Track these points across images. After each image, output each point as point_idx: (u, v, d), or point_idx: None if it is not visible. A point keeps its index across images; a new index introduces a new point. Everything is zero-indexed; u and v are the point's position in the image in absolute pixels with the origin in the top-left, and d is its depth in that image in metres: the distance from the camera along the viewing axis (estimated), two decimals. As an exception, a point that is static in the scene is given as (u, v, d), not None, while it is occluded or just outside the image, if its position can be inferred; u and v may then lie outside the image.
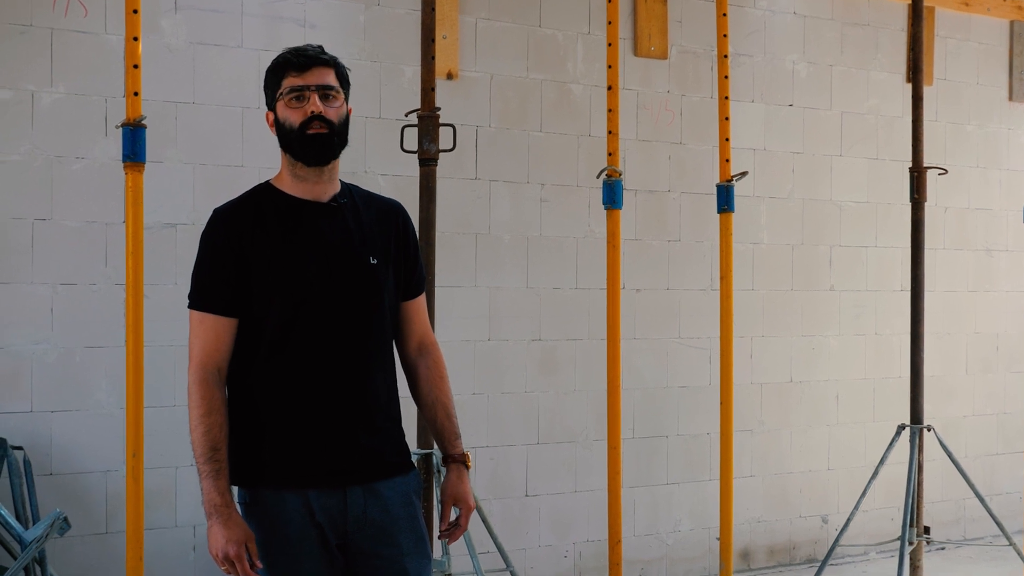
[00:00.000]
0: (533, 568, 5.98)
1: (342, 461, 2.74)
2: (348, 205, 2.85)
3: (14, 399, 4.88)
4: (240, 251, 2.73)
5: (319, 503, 2.71)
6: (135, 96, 3.97)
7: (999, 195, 7.58)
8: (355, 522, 2.75)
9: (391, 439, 2.87)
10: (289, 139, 2.75)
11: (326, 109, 2.72)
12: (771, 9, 6.79)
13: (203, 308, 2.75)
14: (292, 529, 2.71)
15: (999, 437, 7.57)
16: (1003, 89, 7.66)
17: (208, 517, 2.65)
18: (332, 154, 2.77)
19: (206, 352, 2.73)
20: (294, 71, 2.73)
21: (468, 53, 5.87)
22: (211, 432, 2.68)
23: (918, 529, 5.69)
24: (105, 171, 5.01)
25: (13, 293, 4.89)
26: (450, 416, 2.98)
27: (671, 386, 6.42)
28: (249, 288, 2.73)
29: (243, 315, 2.75)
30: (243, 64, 5.33)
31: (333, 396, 2.75)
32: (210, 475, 2.65)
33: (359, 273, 2.79)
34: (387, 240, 2.88)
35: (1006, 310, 7.59)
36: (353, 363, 2.78)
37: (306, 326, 2.74)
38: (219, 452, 2.68)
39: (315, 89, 2.72)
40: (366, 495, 2.75)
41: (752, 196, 6.62)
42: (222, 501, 2.65)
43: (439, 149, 4.57)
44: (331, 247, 2.78)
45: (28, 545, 4.34)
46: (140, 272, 3.99)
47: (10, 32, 4.88)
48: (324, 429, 2.74)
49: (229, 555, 2.62)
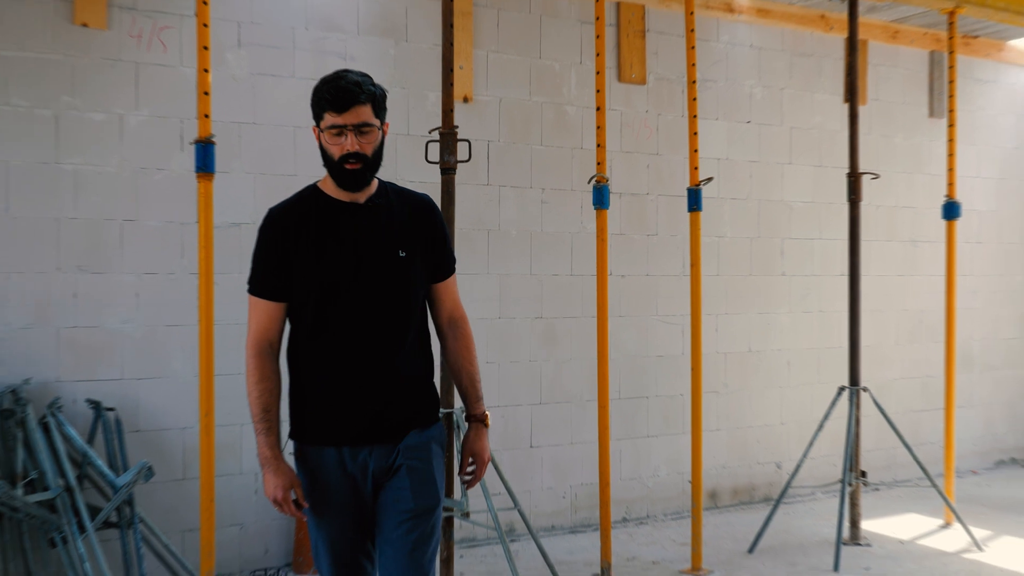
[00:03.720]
0: (537, 507, 5.98)
1: (369, 424, 2.74)
2: (383, 205, 2.81)
3: (107, 369, 4.88)
4: (285, 246, 2.73)
5: (350, 458, 2.73)
6: (206, 118, 3.96)
7: (922, 196, 7.55)
8: (379, 473, 2.76)
9: (416, 403, 2.83)
10: (328, 166, 2.73)
11: (362, 144, 2.68)
12: (732, 43, 6.76)
13: (256, 293, 2.77)
14: (330, 478, 2.74)
15: (923, 396, 7.56)
16: (924, 108, 7.62)
17: (262, 467, 2.72)
18: (365, 184, 2.75)
19: (259, 330, 2.75)
20: (333, 111, 2.66)
21: (481, 81, 5.85)
22: (263, 397, 2.72)
23: (856, 473, 5.68)
24: (181, 180, 5.00)
25: (106, 281, 4.89)
26: (473, 382, 2.95)
27: (650, 355, 6.41)
28: (292, 275, 2.72)
29: (289, 300, 2.76)
30: (295, 91, 5.32)
31: (363, 370, 2.72)
32: (262, 432, 2.71)
33: (388, 265, 2.76)
34: (416, 232, 2.84)
35: (928, 291, 7.57)
36: (381, 342, 2.74)
37: (340, 310, 2.72)
38: (270, 413, 2.71)
39: (352, 128, 2.67)
40: (389, 452, 2.76)
41: (717, 198, 6.61)
42: (272, 454, 2.70)
43: (457, 160, 4.55)
44: (364, 242, 2.75)
45: (119, 489, 4.36)
46: (210, 263, 3.99)
47: (103, 65, 4.87)
48: (354, 398, 2.73)
49: (278, 499, 2.69)
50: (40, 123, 4.74)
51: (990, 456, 8.04)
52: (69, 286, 4.80)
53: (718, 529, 6.08)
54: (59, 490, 4.25)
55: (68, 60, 4.80)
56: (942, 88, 7.57)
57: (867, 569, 5.33)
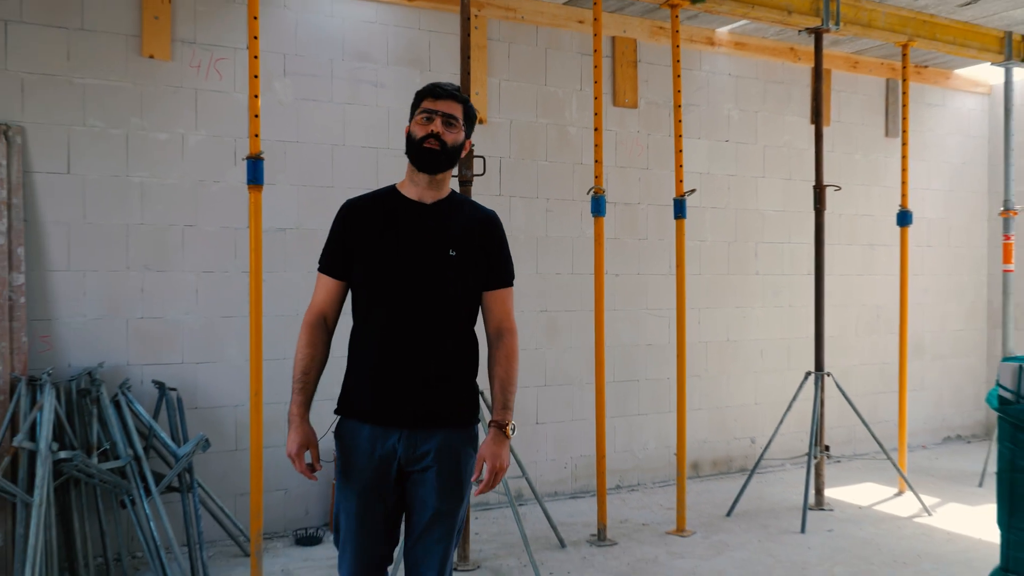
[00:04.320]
0: (542, 476, 5.99)
1: (400, 407, 2.58)
2: (445, 208, 2.69)
3: (170, 354, 4.91)
4: (350, 232, 2.67)
5: (381, 438, 2.59)
6: (256, 137, 3.99)
7: (879, 205, 7.53)
8: (407, 460, 2.59)
9: (453, 396, 2.64)
10: (410, 147, 2.65)
11: (445, 132, 2.61)
12: (712, 72, 6.75)
13: (321, 270, 2.72)
14: (360, 453, 2.60)
15: (880, 380, 7.54)
16: (881, 128, 7.60)
17: (288, 423, 2.64)
18: (438, 167, 2.63)
19: (317, 302, 2.70)
20: (432, 97, 2.64)
21: (494, 105, 5.86)
22: (304, 360, 2.64)
23: (820, 447, 5.68)
24: (234, 191, 5.03)
25: (169, 279, 4.91)
26: (504, 390, 2.67)
27: (640, 344, 6.41)
28: (351, 260, 2.66)
29: (346, 279, 2.69)
30: (333, 114, 5.33)
31: (403, 355, 2.58)
32: (296, 391, 2.63)
33: (436, 260, 2.62)
34: (474, 239, 2.69)
35: (884, 288, 7.55)
36: (423, 331, 2.59)
37: (387, 297, 2.60)
38: (307, 376, 2.64)
39: (441, 115, 2.62)
40: (418, 439, 2.59)
41: (699, 207, 6.60)
42: (297, 412, 2.62)
43: (474, 174, 4.57)
44: (419, 237, 2.62)
45: (180, 459, 4.38)
46: (259, 263, 4.02)
47: (167, 91, 4.90)
48: (390, 379, 2.59)
49: (291, 453, 2.60)
50: (113, 142, 4.78)
51: (939, 433, 8.02)
52: (137, 283, 4.83)
53: (700, 496, 6.08)
54: (128, 459, 4.28)
55: (137, 87, 4.83)
56: (896, 111, 7.55)
57: (830, 531, 5.33)
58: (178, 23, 4.92)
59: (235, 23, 5.03)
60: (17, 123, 4.54)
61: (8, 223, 4.43)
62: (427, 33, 5.63)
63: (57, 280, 4.63)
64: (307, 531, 5.06)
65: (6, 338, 4.37)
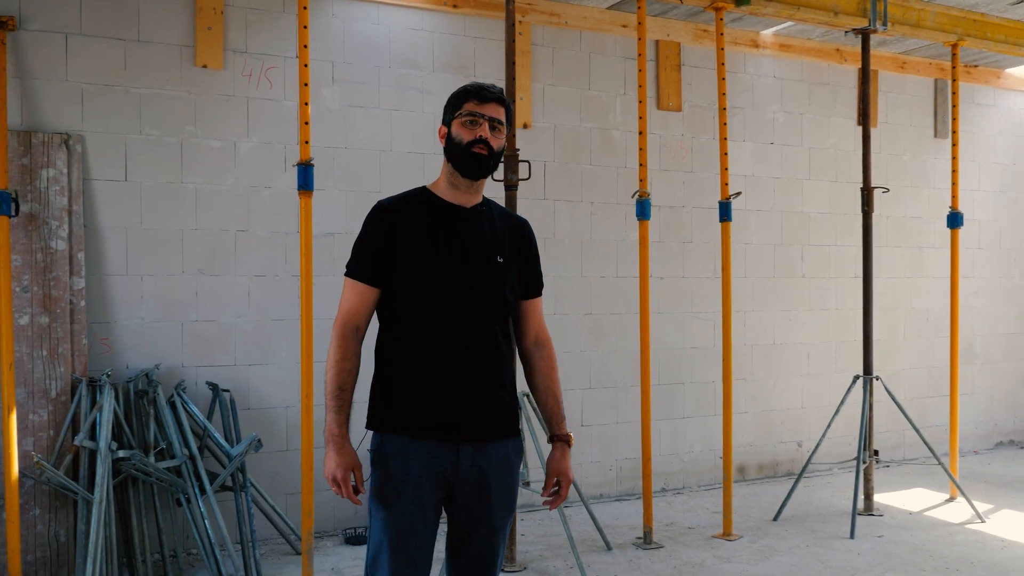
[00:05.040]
0: (587, 478, 5.98)
1: (459, 420, 2.43)
2: (485, 213, 2.58)
3: (223, 356, 4.99)
4: (392, 236, 2.47)
5: (434, 454, 2.41)
6: (305, 144, 4.05)
7: (927, 207, 7.40)
8: (462, 474, 2.44)
9: (503, 406, 2.52)
10: (455, 152, 2.49)
11: (492, 136, 2.49)
12: (757, 74, 6.70)
13: (355, 276, 2.49)
14: (408, 469, 2.41)
15: (929, 384, 7.41)
16: (929, 129, 7.47)
17: (326, 444, 2.42)
18: (486, 172, 2.52)
19: (350, 311, 2.48)
20: (476, 100, 2.49)
21: (538, 109, 5.87)
22: (341, 375, 2.44)
23: (869, 451, 5.59)
24: (285, 197, 5.10)
25: (222, 283, 5.00)
26: (559, 402, 2.63)
27: (686, 347, 6.37)
28: (395, 266, 2.47)
29: (385, 288, 2.49)
30: (380, 120, 5.39)
31: (457, 364, 2.44)
32: (333, 409, 2.42)
33: (487, 266, 2.51)
34: (513, 247, 2.59)
35: (933, 291, 7.42)
36: (476, 338, 2.47)
37: (440, 304, 2.45)
38: (344, 392, 2.43)
39: (487, 119, 2.49)
40: (476, 452, 2.45)
41: (744, 209, 6.54)
42: (339, 432, 2.41)
43: (519, 178, 4.59)
44: (467, 243, 2.50)
45: (233, 458, 4.44)
46: (309, 267, 4.07)
47: (219, 100, 4.98)
48: (448, 393, 2.43)
49: (337, 478, 2.39)
50: (167, 149, 4.87)
51: (990, 438, 7.85)
52: (192, 287, 4.92)
53: (746, 499, 6.02)
54: (184, 458, 4.36)
55: (191, 96, 4.92)
56: (946, 112, 7.42)
57: (880, 536, 5.24)
58: (230, 33, 5.00)
59: (285, 32, 5.11)
60: (77, 132, 4.65)
61: (69, 229, 4.54)
62: (472, 39, 5.66)
63: (115, 284, 4.74)
64: (356, 530, 5.10)
65: (67, 341, 4.48)
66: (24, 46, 4.56)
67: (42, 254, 4.46)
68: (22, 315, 4.38)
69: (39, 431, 4.38)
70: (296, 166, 4.07)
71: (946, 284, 7.06)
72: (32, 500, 4.32)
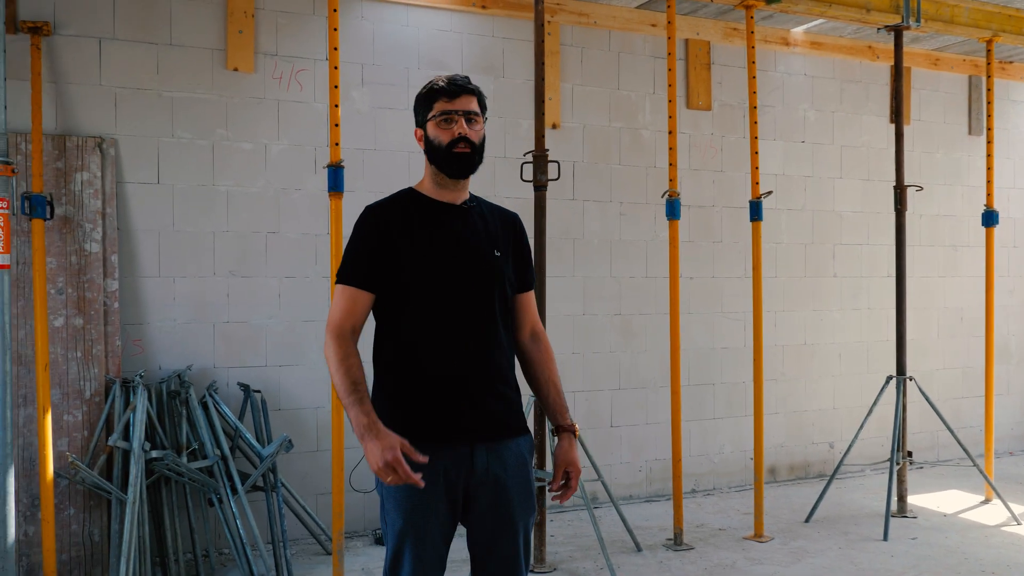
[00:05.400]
0: (616, 479, 5.95)
1: (472, 422, 2.38)
2: (476, 209, 2.53)
3: (255, 357, 5.01)
4: (386, 239, 2.40)
5: (450, 459, 2.35)
6: (336, 146, 4.05)
7: (961, 205, 7.29)
8: (479, 476, 2.38)
9: (512, 405, 2.48)
10: (437, 154, 2.43)
11: (470, 131, 2.43)
12: (788, 72, 6.62)
13: (348, 282, 2.39)
14: (435, 481, 2.32)
15: (963, 385, 7.29)
16: (963, 126, 7.35)
17: (361, 439, 2.22)
18: (472, 169, 2.46)
19: (343, 316, 2.36)
20: (445, 97, 2.44)
21: (567, 109, 5.85)
22: (351, 371, 2.29)
23: (903, 453, 5.52)
24: (315, 198, 5.11)
25: (253, 284, 5.02)
26: (560, 393, 2.59)
27: (716, 347, 6.32)
28: (390, 269, 2.39)
29: (378, 291, 2.40)
30: (409, 122, 5.32)
31: (465, 365, 2.39)
32: (355, 403, 2.25)
33: (485, 262, 2.46)
34: (507, 241, 2.55)
35: (967, 290, 7.30)
36: (480, 336, 2.42)
37: (442, 304, 2.39)
38: (360, 384, 2.28)
39: (462, 114, 2.43)
40: (489, 453, 2.39)
41: (775, 209, 6.47)
42: (369, 420, 2.22)
43: (548, 179, 4.57)
44: (463, 240, 2.45)
45: (264, 458, 4.46)
46: (340, 268, 4.05)
47: (251, 103, 5.01)
48: (457, 394, 2.37)
49: (388, 461, 2.17)
50: (199, 152, 4.90)
51: (1026, 439, 7.72)
52: (223, 288, 4.94)
53: (777, 501, 5.96)
54: (216, 459, 4.38)
55: (222, 99, 4.95)
56: (980, 109, 7.30)
57: (914, 539, 5.16)
58: (261, 36, 5.02)
59: (315, 35, 5.12)
60: (111, 136, 4.69)
61: (103, 232, 4.58)
62: (501, 40, 5.64)
63: (148, 286, 4.77)
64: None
65: (101, 342, 4.52)
66: (59, 51, 4.61)
67: (76, 256, 4.50)
68: (57, 317, 4.43)
69: (73, 431, 4.42)
70: (326, 168, 4.08)
71: (981, 283, 6.95)
72: (67, 500, 4.36)
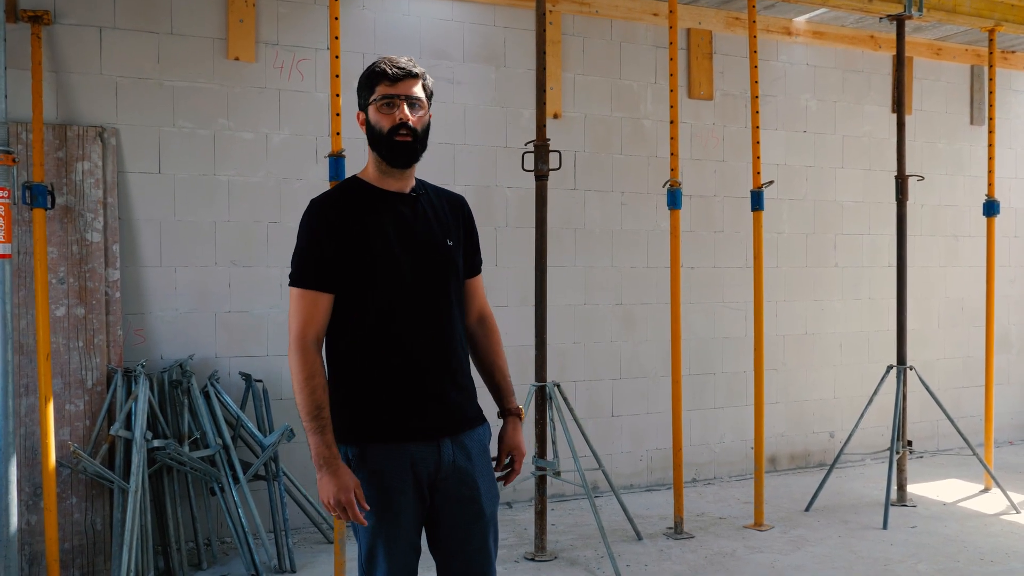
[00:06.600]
0: (617, 468, 5.92)
1: (436, 417, 2.33)
2: (425, 196, 2.43)
3: (256, 346, 4.98)
4: (336, 234, 2.29)
5: (418, 455, 2.29)
6: (337, 135, 4.01)
7: (963, 195, 7.23)
8: (445, 469, 2.33)
9: (470, 396, 2.43)
10: (379, 141, 2.32)
11: (412, 117, 2.31)
12: (789, 62, 6.56)
13: (304, 285, 2.28)
14: (395, 477, 2.28)
15: (964, 374, 7.25)
16: (965, 116, 7.28)
17: (318, 469, 2.21)
18: (415, 159, 2.35)
19: (305, 324, 2.27)
20: (387, 81, 2.30)
21: (568, 99, 5.80)
22: (315, 394, 2.22)
23: (903, 442, 5.49)
24: (317, 188, 5.06)
25: (254, 274, 4.99)
26: (505, 376, 2.55)
27: (717, 337, 6.28)
28: (344, 266, 2.28)
29: (338, 290, 2.30)
30: (410, 111, 5.33)
31: (426, 359, 2.32)
32: (316, 431, 2.21)
33: (439, 254, 2.38)
34: (457, 228, 2.46)
35: (968, 280, 7.25)
36: (440, 329, 2.35)
37: (399, 298, 2.30)
38: (323, 411, 2.23)
39: (404, 99, 2.30)
40: (454, 445, 2.34)
41: (776, 198, 6.42)
42: (329, 454, 2.20)
43: (549, 168, 4.52)
44: (415, 230, 2.35)
45: (266, 448, 4.45)
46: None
47: (251, 92, 4.96)
48: (421, 389, 2.31)
49: (341, 501, 2.19)
50: (200, 142, 4.86)
51: (1026, 428, 7.68)
52: (224, 278, 4.91)
53: (777, 490, 5.93)
54: (217, 448, 4.36)
55: (223, 89, 4.91)
56: (982, 98, 7.23)
57: (913, 527, 5.13)
58: (262, 26, 4.97)
59: (316, 24, 5.07)
60: (112, 125, 4.65)
61: (104, 221, 4.55)
62: (502, 29, 5.59)
63: (150, 275, 4.74)
64: (387, 519, 5.07)
65: (103, 332, 4.49)
66: (59, 40, 4.56)
67: (78, 246, 4.47)
68: (58, 306, 4.39)
69: (75, 421, 4.39)
70: (328, 157, 4.04)
71: (981, 273, 6.90)
72: (69, 489, 4.34)
